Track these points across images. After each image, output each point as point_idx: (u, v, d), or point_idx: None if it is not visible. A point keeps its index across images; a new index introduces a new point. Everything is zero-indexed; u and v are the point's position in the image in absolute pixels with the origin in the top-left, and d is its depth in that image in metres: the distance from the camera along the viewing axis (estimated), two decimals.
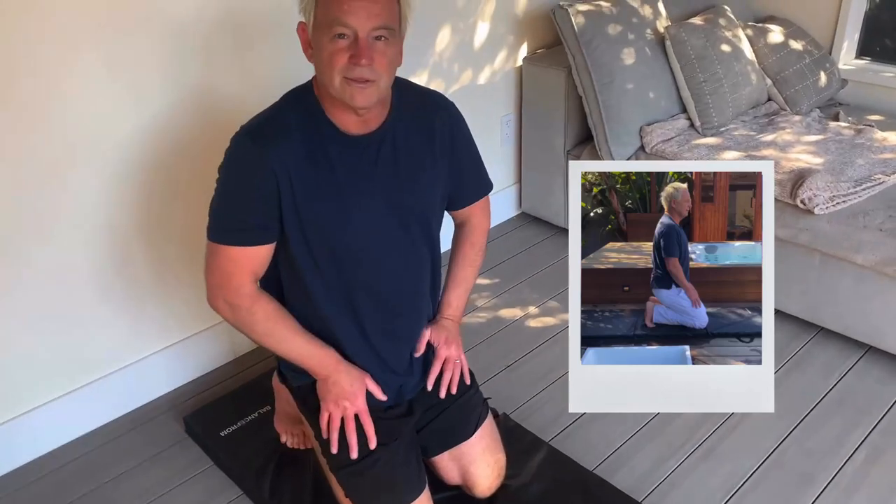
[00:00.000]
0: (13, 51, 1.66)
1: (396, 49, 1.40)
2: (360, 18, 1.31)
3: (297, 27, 1.41)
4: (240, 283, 1.46)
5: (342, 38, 1.32)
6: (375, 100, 1.39)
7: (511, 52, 2.81)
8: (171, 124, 1.96)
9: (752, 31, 2.84)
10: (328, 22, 1.32)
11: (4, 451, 1.94)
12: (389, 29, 1.35)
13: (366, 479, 1.60)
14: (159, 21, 1.86)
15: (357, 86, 1.35)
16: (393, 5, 1.36)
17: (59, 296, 1.93)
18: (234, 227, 1.44)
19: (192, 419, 2.08)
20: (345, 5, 1.30)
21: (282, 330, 1.49)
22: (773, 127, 2.68)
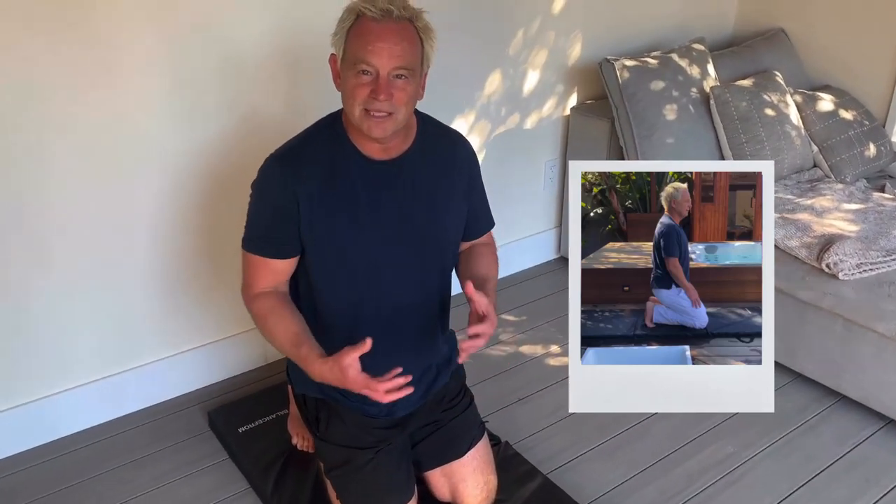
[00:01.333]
0: (88, 69, 1.87)
1: (416, 85, 1.51)
2: (383, 59, 1.43)
3: (329, 58, 1.55)
4: (255, 286, 1.60)
5: (365, 75, 1.45)
6: (391, 131, 1.51)
7: (560, 100, 2.92)
8: (221, 144, 2.15)
9: (801, 98, 2.86)
10: (354, 59, 1.45)
11: (46, 422, 2.13)
12: (409, 69, 1.46)
13: (355, 483, 1.69)
14: (220, 48, 2.05)
15: (375, 119, 1.47)
16: (415, 46, 1.48)
17: (109, 287, 2.12)
18: (259, 239, 1.58)
19: (215, 414, 2.22)
20: (369, 46, 1.43)
21: (272, 327, 1.56)
22: (813, 192, 2.69)
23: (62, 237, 1.99)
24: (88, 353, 2.15)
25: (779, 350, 2.39)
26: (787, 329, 2.39)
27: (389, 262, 1.61)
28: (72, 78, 1.86)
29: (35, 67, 1.80)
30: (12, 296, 1.97)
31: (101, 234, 2.05)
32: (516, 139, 2.84)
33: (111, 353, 2.19)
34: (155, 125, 2.03)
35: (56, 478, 2.02)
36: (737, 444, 2.18)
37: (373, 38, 1.43)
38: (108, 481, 2.02)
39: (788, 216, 2.49)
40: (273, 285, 1.62)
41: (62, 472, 2.04)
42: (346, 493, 1.71)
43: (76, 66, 1.85)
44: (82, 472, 2.05)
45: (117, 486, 2.01)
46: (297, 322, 1.57)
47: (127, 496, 1.98)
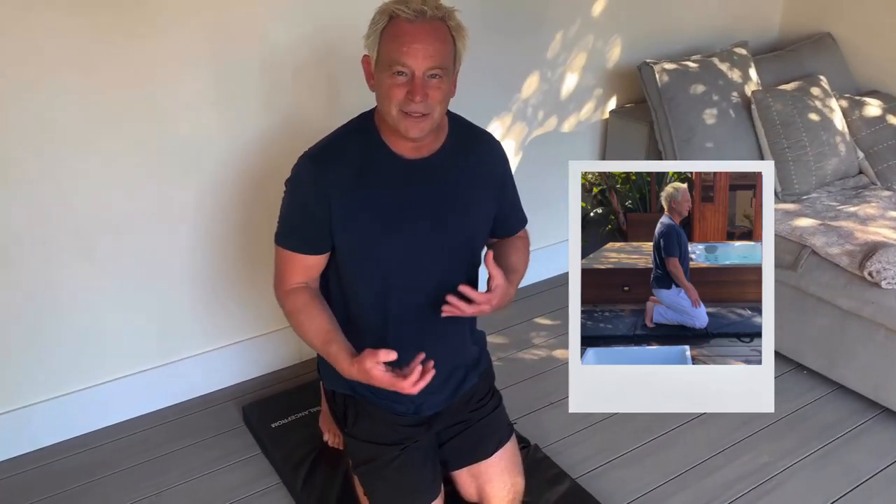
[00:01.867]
0: (134, 68, 1.93)
1: (450, 84, 1.53)
2: (418, 60, 1.45)
3: (362, 59, 1.57)
4: (287, 281, 1.63)
5: (401, 76, 1.47)
6: (428, 131, 1.52)
7: (599, 103, 2.90)
8: (261, 144, 2.19)
9: (846, 103, 2.80)
10: (389, 60, 1.47)
11: (87, 413, 2.19)
12: (443, 68, 1.48)
13: (381, 479, 1.71)
14: (262, 51, 2.09)
15: (412, 119, 1.49)
16: (448, 46, 1.50)
17: (149, 284, 2.17)
18: (290, 235, 1.62)
19: (249, 409, 2.26)
20: (404, 47, 1.45)
21: (303, 323, 1.59)
22: (858, 199, 2.62)
23: (105, 234, 2.05)
24: (128, 347, 2.20)
25: (818, 359, 2.38)
26: (827, 338, 2.34)
27: (418, 261, 1.62)
28: (117, 77, 1.92)
29: (83, 67, 1.87)
30: (58, 291, 2.04)
31: (142, 231, 2.10)
32: (553, 143, 2.83)
33: (150, 348, 2.24)
34: (197, 125, 2.08)
35: (95, 467, 2.08)
36: (773, 453, 2.14)
37: (407, 39, 1.45)
38: (144, 472, 2.07)
39: (831, 223, 2.44)
40: (305, 280, 1.64)
41: (101, 462, 2.10)
42: (373, 490, 1.73)
43: (122, 65, 1.91)
44: (120, 463, 2.10)
45: (153, 477, 2.05)
46: (328, 319, 1.60)
47: (162, 487, 2.02)
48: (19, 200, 1.91)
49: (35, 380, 2.09)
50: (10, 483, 2.03)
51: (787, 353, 2.47)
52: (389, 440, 1.70)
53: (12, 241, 1.93)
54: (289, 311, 1.62)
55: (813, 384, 2.42)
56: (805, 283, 2.34)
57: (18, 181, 1.89)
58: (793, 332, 2.43)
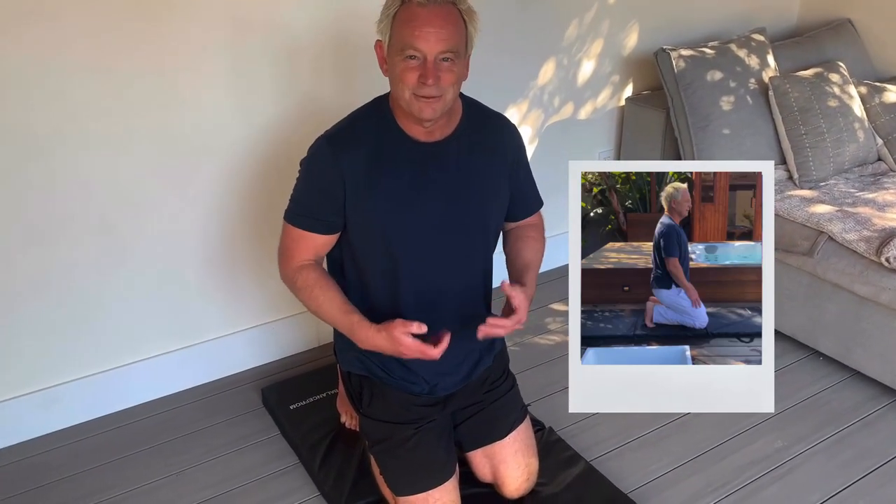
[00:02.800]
0: (158, 55, 1.96)
1: (462, 66, 1.55)
2: (430, 43, 1.47)
3: (375, 45, 1.60)
4: (296, 258, 1.66)
5: (413, 59, 1.49)
6: (440, 112, 1.55)
7: (615, 90, 2.90)
8: (278, 129, 2.22)
9: (866, 89, 2.78)
10: (401, 45, 1.49)
11: (113, 393, 2.24)
12: (455, 52, 1.50)
13: (396, 458, 1.74)
14: (277, 36, 2.12)
15: (424, 101, 1.51)
16: (460, 29, 1.52)
17: (173, 268, 2.22)
18: (303, 214, 1.64)
19: (268, 391, 2.30)
20: (416, 31, 1.47)
21: (318, 297, 1.63)
22: (876, 186, 2.61)
23: (125, 218, 2.09)
24: (151, 329, 2.25)
25: (834, 345, 2.38)
26: (843, 325, 2.34)
27: (432, 244, 1.64)
28: (136, 61, 1.96)
29: (102, 51, 1.91)
30: (89, 278, 2.09)
31: (162, 214, 2.15)
32: (570, 129, 2.84)
33: (174, 331, 2.29)
34: (214, 109, 2.11)
35: (120, 446, 2.13)
36: (787, 438, 2.14)
37: (419, 23, 1.47)
38: (167, 451, 2.12)
39: (849, 209, 2.43)
40: (312, 257, 1.67)
41: (126, 441, 2.15)
42: (388, 469, 1.76)
43: (141, 49, 1.95)
44: (144, 442, 2.15)
45: (175, 455, 2.10)
46: (342, 292, 1.64)
47: (184, 466, 2.07)
48: (44, 185, 1.96)
49: (63, 360, 2.15)
50: (40, 459, 2.09)
51: (803, 339, 2.47)
52: (404, 419, 1.73)
53: (32, 226, 1.98)
54: (301, 286, 1.65)
55: (829, 370, 2.42)
56: (822, 270, 2.34)
57: (42, 167, 1.94)
58: (809, 319, 2.43)
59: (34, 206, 1.96)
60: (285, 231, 1.67)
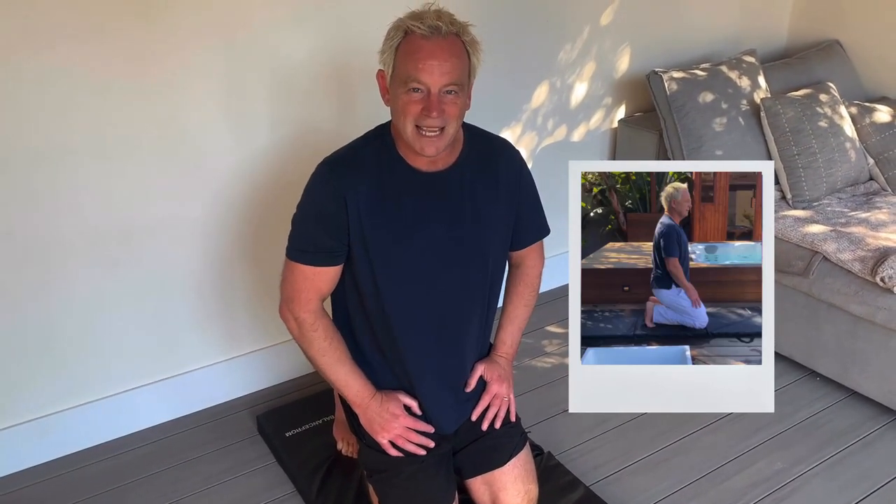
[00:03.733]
0: (153, 84, 1.96)
1: (465, 98, 1.54)
2: (434, 76, 1.46)
3: (377, 74, 1.59)
4: (308, 299, 1.63)
5: (416, 92, 1.48)
6: (444, 147, 1.54)
7: (608, 112, 2.92)
8: (270, 156, 2.22)
9: (856, 110, 2.81)
10: (405, 77, 1.48)
11: (106, 422, 2.22)
12: (459, 84, 1.49)
13: (396, 488, 1.72)
14: (273, 62, 2.12)
15: (427, 137, 1.50)
16: (463, 61, 1.50)
17: (164, 295, 2.20)
18: (308, 248, 1.61)
19: (263, 418, 2.28)
20: (420, 63, 1.46)
21: (334, 352, 1.64)
22: (869, 205, 2.63)
23: (119, 245, 2.08)
24: (143, 357, 2.23)
25: (831, 365, 2.38)
26: (839, 345, 2.34)
27: (434, 274, 1.63)
28: (131, 89, 1.95)
29: (97, 78, 1.90)
30: (75, 303, 2.07)
31: (155, 242, 2.13)
32: (563, 151, 2.85)
33: (164, 359, 2.27)
34: (209, 135, 2.11)
35: (113, 476, 2.10)
36: (787, 460, 2.14)
37: (422, 55, 1.45)
38: (163, 481, 2.09)
39: (842, 229, 2.44)
40: (318, 298, 1.65)
41: (119, 471, 2.12)
42: (388, 498, 1.74)
43: (136, 77, 1.95)
44: (138, 472, 2.12)
45: (170, 485, 2.08)
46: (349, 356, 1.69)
47: (179, 495, 2.04)
48: (37, 211, 1.94)
49: (53, 390, 2.12)
50: (30, 492, 2.06)
51: (800, 359, 2.47)
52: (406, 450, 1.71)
53: (25, 253, 1.97)
54: (314, 350, 1.66)
55: (826, 391, 2.42)
56: (817, 290, 2.34)
57: (34, 192, 1.93)
58: (805, 339, 2.43)
59: (24, 230, 1.94)
60: (287, 269, 1.64)
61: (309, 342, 1.66)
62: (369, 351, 1.72)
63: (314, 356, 1.68)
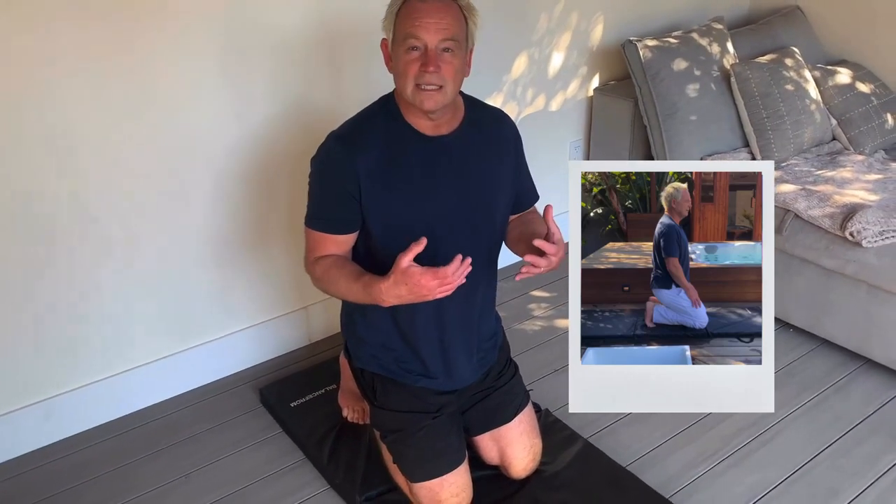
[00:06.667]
0: (148, 59, 1.97)
1: (462, 59, 1.61)
2: (430, 32, 1.54)
3: (381, 43, 1.65)
4: (318, 256, 1.70)
5: (415, 51, 1.56)
6: (442, 104, 1.60)
7: (583, 81, 3.00)
8: (270, 129, 2.24)
9: (819, 73, 2.94)
10: (403, 36, 1.56)
11: (112, 400, 2.25)
12: (455, 41, 1.57)
13: (409, 447, 1.80)
14: (267, 37, 2.14)
15: (426, 92, 1.57)
16: (460, 21, 1.59)
17: (165, 273, 2.23)
18: (321, 217, 1.69)
19: (267, 391, 2.33)
20: (417, 21, 1.54)
21: (334, 275, 1.65)
22: (833, 164, 2.76)
23: (121, 224, 2.10)
24: (146, 335, 2.26)
25: (804, 317, 2.52)
26: (811, 296, 2.48)
27: (443, 236, 1.69)
28: (126, 65, 1.96)
29: (92, 56, 1.91)
30: (77, 284, 2.08)
31: (155, 218, 2.15)
32: (542, 120, 2.92)
33: (167, 336, 2.30)
34: (207, 110, 2.13)
35: (122, 454, 2.14)
36: None
37: (420, 14, 1.54)
38: (171, 456, 2.13)
39: (811, 187, 2.57)
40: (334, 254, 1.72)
41: (128, 448, 2.16)
42: (403, 457, 1.81)
43: (131, 53, 1.96)
44: (146, 448, 2.16)
45: (180, 460, 2.12)
46: (355, 265, 1.67)
47: (190, 469, 2.08)
48: (42, 188, 1.95)
49: (59, 370, 2.14)
50: (39, 473, 2.08)
51: (775, 312, 2.60)
52: (420, 409, 1.79)
53: (27, 231, 1.97)
54: (320, 274, 1.68)
55: (800, 340, 2.56)
56: (790, 246, 2.47)
57: (36, 171, 1.93)
58: (779, 292, 2.51)
59: (26, 212, 1.95)
60: (307, 235, 1.72)
61: (316, 280, 1.70)
62: (380, 318, 1.78)
63: (325, 288, 1.69)
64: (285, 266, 2.41)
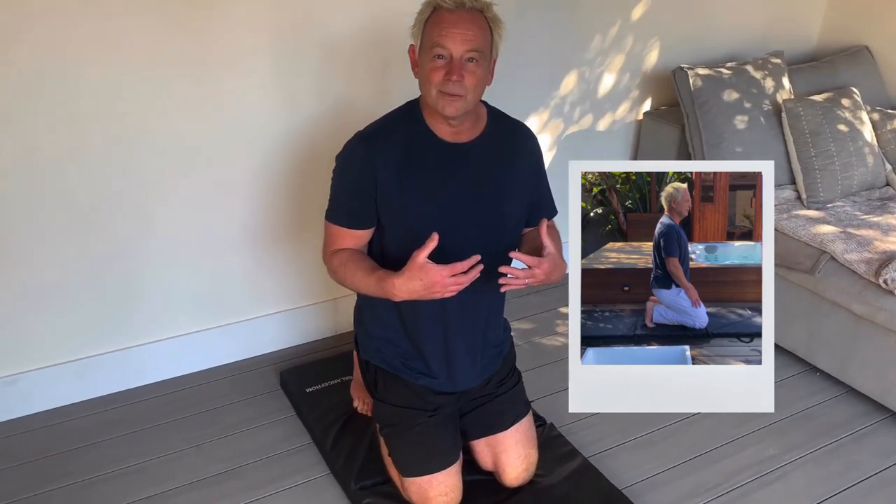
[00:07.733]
0: (204, 54, 2.10)
1: (485, 70, 1.66)
2: (456, 43, 1.60)
3: (409, 49, 1.72)
4: (336, 249, 1.78)
5: (440, 59, 1.62)
6: (463, 111, 1.66)
7: (634, 104, 3.00)
8: (312, 126, 2.34)
9: (878, 116, 2.87)
10: (430, 45, 1.62)
11: (140, 367, 2.38)
12: (480, 52, 1.62)
13: (404, 443, 1.85)
14: (317, 37, 2.24)
15: (448, 97, 1.63)
16: (485, 34, 1.64)
17: (203, 253, 2.35)
18: (339, 211, 1.76)
19: (286, 374, 2.42)
20: (444, 31, 1.60)
21: (350, 268, 1.71)
22: (882, 210, 2.69)
23: (165, 208, 2.23)
24: (181, 309, 2.39)
25: (830, 361, 2.47)
26: (839, 341, 2.43)
27: (455, 241, 1.73)
28: (183, 59, 2.09)
29: (151, 49, 2.04)
30: (123, 258, 2.23)
31: (198, 200, 2.28)
32: (588, 140, 2.94)
33: (201, 311, 2.42)
34: (256, 105, 2.25)
35: (143, 419, 2.27)
36: (779, 447, 2.23)
37: (447, 24, 1.60)
38: (187, 426, 2.25)
39: (853, 231, 2.51)
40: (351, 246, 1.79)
41: (149, 414, 2.29)
42: (396, 451, 1.87)
43: (189, 48, 2.08)
44: (166, 415, 2.28)
45: (194, 430, 2.23)
46: (370, 260, 1.74)
47: (202, 440, 2.19)
48: (87, 169, 2.09)
49: (97, 333, 2.28)
50: (70, 425, 2.23)
51: (802, 354, 2.56)
52: (418, 406, 1.85)
53: (79, 210, 2.12)
54: (336, 266, 1.74)
55: (824, 385, 2.51)
56: (822, 288, 2.42)
57: (87, 152, 2.08)
58: (807, 335, 2.52)
59: (80, 192, 2.10)
60: (325, 229, 1.79)
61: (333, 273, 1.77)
62: (387, 313, 1.84)
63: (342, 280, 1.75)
64: (317, 259, 2.48)
